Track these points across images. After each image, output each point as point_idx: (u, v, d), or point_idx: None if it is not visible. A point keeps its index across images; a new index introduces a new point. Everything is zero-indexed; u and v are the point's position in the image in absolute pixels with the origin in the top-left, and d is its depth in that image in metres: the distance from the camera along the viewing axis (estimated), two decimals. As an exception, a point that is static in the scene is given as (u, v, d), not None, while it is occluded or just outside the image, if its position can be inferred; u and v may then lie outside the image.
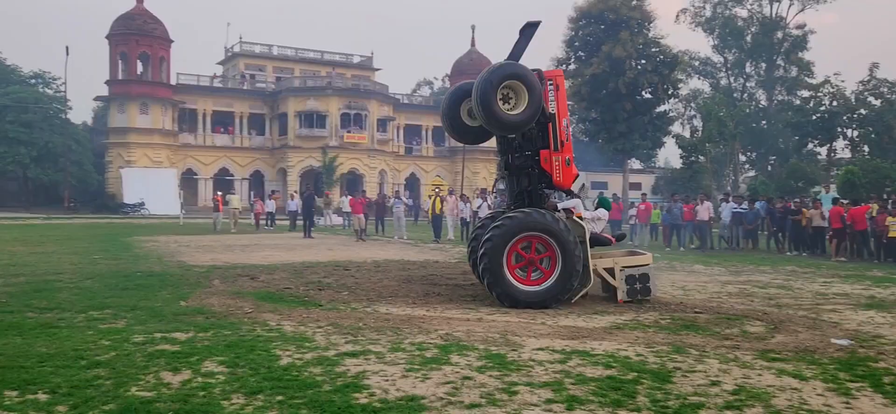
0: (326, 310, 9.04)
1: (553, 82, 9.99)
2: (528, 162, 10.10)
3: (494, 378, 5.71)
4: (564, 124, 9.97)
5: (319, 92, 55.78)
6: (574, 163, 10.09)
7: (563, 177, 9.92)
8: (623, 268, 9.85)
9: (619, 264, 9.89)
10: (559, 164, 9.88)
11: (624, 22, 42.57)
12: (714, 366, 6.20)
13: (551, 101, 9.90)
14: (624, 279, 9.80)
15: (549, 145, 9.88)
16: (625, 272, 9.82)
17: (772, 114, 64.51)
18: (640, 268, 9.86)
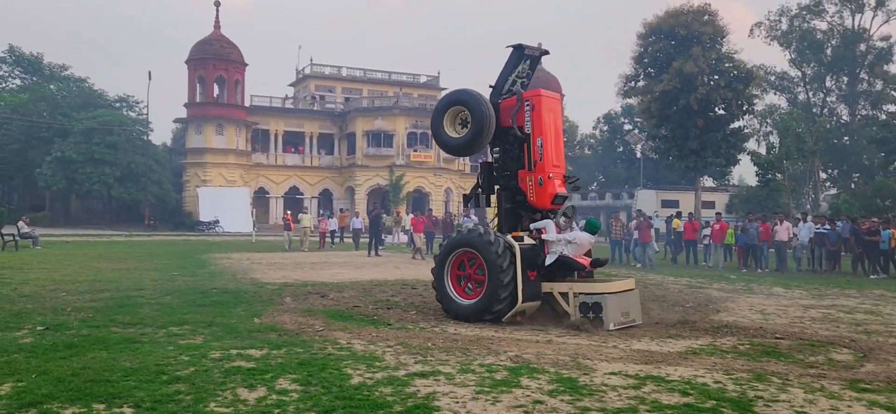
0: (395, 329, 9.09)
1: (530, 102, 10.36)
2: (507, 182, 10.52)
3: (566, 403, 5.60)
4: (538, 143, 10.18)
5: (386, 111, 56.63)
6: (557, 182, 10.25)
7: (536, 196, 10.20)
8: (577, 294, 9.61)
9: (574, 290, 9.67)
10: (533, 184, 10.20)
11: (695, 37, 41.56)
12: (798, 396, 5.92)
13: (527, 120, 10.26)
14: (577, 306, 9.52)
15: (525, 165, 10.24)
16: (578, 299, 9.56)
17: (855, 129, 61.72)
18: (594, 296, 9.43)
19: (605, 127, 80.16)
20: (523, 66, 11.15)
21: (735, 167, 50.36)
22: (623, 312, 9.57)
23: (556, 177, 10.33)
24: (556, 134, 10.57)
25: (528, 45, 11.13)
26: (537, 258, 9.82)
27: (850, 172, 61.53)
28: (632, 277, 10.38)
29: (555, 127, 10.53)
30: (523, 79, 11.22)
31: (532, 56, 11.22)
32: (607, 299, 9.35)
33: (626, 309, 9.66)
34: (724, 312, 11.47)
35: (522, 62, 11.08)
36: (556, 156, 10.40)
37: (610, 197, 66.47)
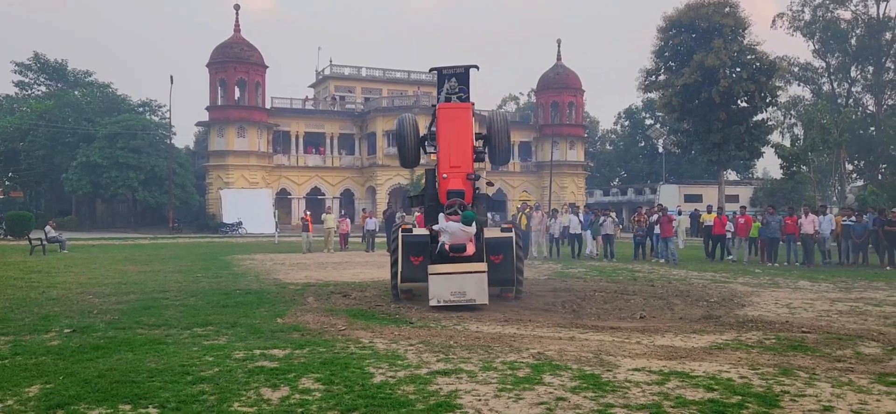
0: (417, 327, 9.10)
1: (433, 114, 12.71)
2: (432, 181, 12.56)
3: (589, 399, 5.57)
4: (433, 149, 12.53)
5: (406, 111, 56.73)
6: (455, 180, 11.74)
7: (438, 192, 12.04)
8: (454, 275, 10.71)
9: (433, 271, 10.79)
10: (438, 182, 12.12)
11: (717, 29, 41.12)
12: (826, 390, 5.83)
13: (433, 130, 12.60)
14: (485, 285, 10.66)
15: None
16: (484, 278, 10.66)
17: (881, 120, 60.64)
18: (455, 277, 10.62)
19: (627, 122, 79.60)
20: (451, 83, 13.04)
21: (759, 160, 49.81)
22: (453, 292, 10.60)
23: (455, 175, 11.79)
24: (459, 138, 12.15)
25: (445, 67, 13.21)
26: (424, 246, 11.18)
27: (876, 163, 60.50)
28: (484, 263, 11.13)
29: (457, 133, 12.20)
30: (457, 93, 12.97)
31: (455, 73, 13.16)
32: (431, 279, 10.64)
33: (458, 289, 10.60)
34: (749, 306, 11.33)
35: (447, 80, 13.05)
36: (456, 157, 11.98)
37: (632, 192, 66.00)
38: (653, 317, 10.05)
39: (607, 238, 23.78)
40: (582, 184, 65.79)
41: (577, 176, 64.73)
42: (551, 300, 11.82)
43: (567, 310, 10.75)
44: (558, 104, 63.54)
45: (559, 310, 10.78)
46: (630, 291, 13.26)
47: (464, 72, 13.11)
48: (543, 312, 10.57)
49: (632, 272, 18.00)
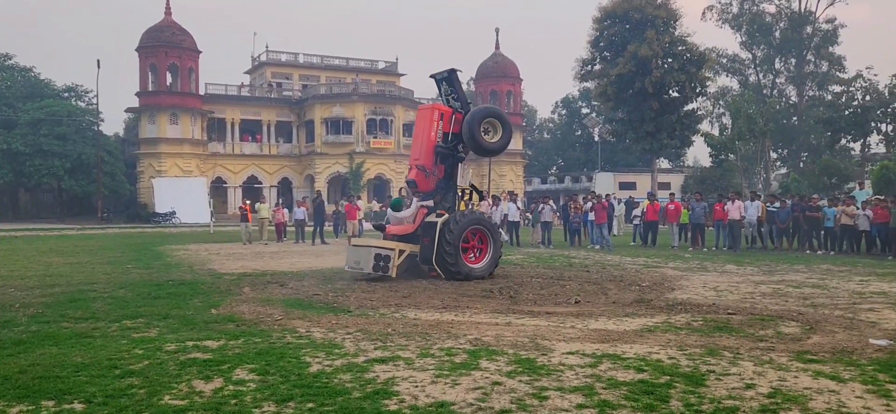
0: (355, 316, 9.07)
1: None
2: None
3: (524, 383, 5.67)
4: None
5: (345, 98, 56.15)
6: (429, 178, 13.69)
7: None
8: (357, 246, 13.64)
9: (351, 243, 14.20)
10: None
11: (649, 21, 42.15)
12: (749, 368, 6.09)
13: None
14: (372, 257, 12.77)
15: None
16: (372, 251, 12.86)
17: (803, 110, 63.44)
18: (384, 250, 12.91)
19: (564, 111, 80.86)
20: (445, 88, 14.43)
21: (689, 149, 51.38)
22: (353, 261, 13.24)
23: (412, 168, 13.89)
24: (421, 136, 13.93)
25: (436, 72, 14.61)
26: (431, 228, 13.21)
27: (798, 152, 63.32)
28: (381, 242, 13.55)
29: (420, 131, 14.03)
30: (450, 96, 14.41)
31: (444, 78, 14.44)
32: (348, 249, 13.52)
33: (355, 259, 13.21)
34: (678, 290, 11.72)
35: (440, 85, 14.51)
36: (415, 152, 13.96)
37: (569, 180, 67.16)
38: (587, 302, 10.28)
39: (545, 225, 24.16)
40: (520, 172, 66.54)
41: (516, 164, 65.43)
42: (489, 287, 11.95)
43: (504, 296, 10.90)
44: (497, 93, 63.99)
45: (497, 296, 10.91)
46: (566, 277, 13.52)
47: (448, 75, 14.43)
48: (481, 298, 10.69)
49: (568, 259, 18.35)
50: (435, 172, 13.80)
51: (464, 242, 13.14)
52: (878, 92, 45.63)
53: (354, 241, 13.42)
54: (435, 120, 13.90)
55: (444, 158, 13.89)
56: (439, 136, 13.82)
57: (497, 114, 14.01)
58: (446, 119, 13.96)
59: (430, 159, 13.75)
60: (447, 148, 13.86)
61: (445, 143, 13.86)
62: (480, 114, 13.75)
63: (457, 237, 12.89)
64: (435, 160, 13.81)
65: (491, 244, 13.45)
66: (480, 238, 13.48)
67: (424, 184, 13.75)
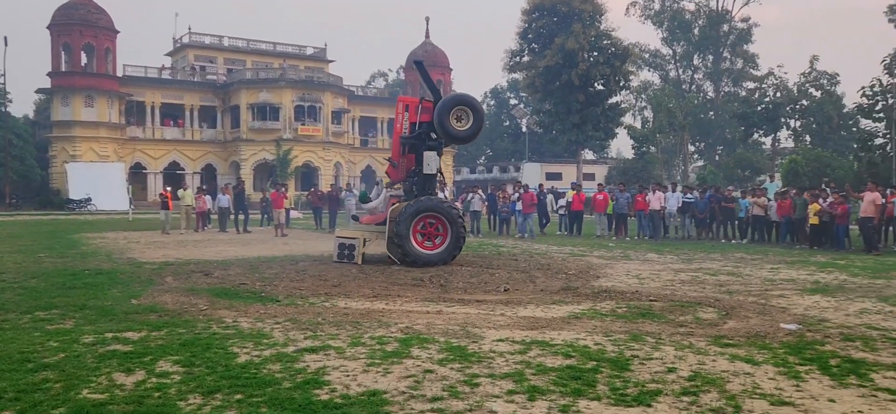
0: (284, 305, 8.92)
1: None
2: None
3: (456, 371, 5.71)
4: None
5: (272, 84, 54.97)
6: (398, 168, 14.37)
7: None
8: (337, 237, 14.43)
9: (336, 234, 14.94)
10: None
11: (576, 14, 42.99)
12: (670, 353, 6.33)
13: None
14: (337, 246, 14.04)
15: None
16: (338, 241, 14.11)
17: (719, 105, 66.15)
18: (349, 239, 13.99)
19: (492, 101, 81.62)
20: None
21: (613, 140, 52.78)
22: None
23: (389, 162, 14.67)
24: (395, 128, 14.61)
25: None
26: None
27: (714, 145, 66.02)
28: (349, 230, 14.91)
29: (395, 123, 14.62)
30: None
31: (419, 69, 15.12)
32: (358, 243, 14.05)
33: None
34: (603, 278, 12.05)
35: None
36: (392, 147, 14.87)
37: (497, 170, 67.92)
38: (516, 290, 10.43)
39: (475, 215, 24.37)
40: (450, 161, 66.82)
41: (445, 153, 65.56)
42: (419, 275, 11.97)
43: (435, 284, 10.94)
44: (427, 82, 64.02)
45: (427, 284, 10.94)
46: (495, 266, 13.69)
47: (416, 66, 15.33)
48: (412, 286, 10.70)
49: (496, 247, 18.58)
50: (403, 162, 14.17)
51: (422, 228, 13.37)
52: (787, 89, 48.05)
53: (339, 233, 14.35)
54: (400, 112, 14.24)
55: (413, 147, 14.06)
56: (405, 127, 14.07)
57: (468, 101, 13.85)
58: (412, 109, 14.13)
59: (396, 149, 14.26)
60: (414, 137, 13.99)
61: (413, 132, 13.99)
62: (451, 101, 13.72)
63: (406, 223, 13.12)
64: (402, 150, 14.11)
65: (450, 231, 13.45)
66: (440, 225, 13.50)
67: (393, 174, 14.46)
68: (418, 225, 13.39)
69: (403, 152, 14.18)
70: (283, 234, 22.79)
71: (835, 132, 48.68)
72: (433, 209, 13.46)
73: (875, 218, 17.48)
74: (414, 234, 13.32)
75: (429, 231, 13.49)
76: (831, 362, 6.01)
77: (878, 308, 8.85)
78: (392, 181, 14.79)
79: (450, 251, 13.49)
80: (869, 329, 7.46)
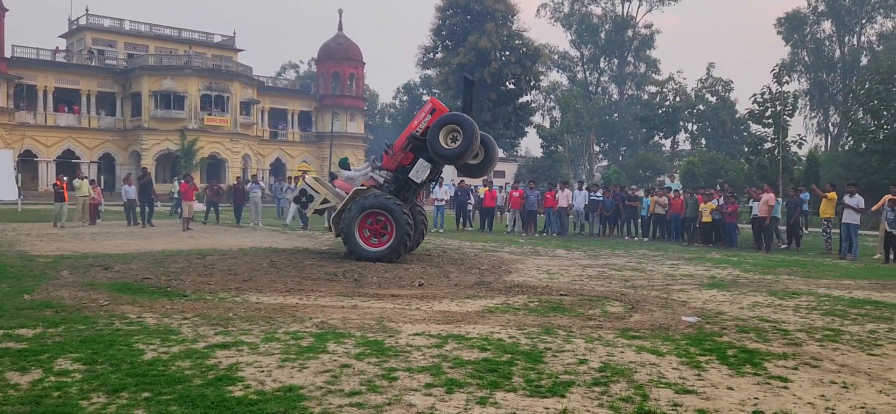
0: (192, 300, 8.62)
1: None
2: None
3: (373, 365, 5.70)
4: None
5: (177, 71, 52.78)
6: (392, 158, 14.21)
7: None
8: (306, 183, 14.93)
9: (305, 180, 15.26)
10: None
11: (489, 13, 43.60)
12: (581, 345, 6.54)
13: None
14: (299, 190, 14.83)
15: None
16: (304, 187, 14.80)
17: (623, 107, 68.80)
18: (314, 192, 14.35)
19: (405, 97, 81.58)
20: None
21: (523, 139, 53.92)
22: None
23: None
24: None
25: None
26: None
27: (618, 146, 68.62)
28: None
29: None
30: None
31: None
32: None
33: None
34: (515, 273, 12.30)
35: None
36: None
37: (409, 166, 67.90)
38: (430, 284, 10.50)
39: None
40: (361, 156, 66.29)
41: (357, 148, 65.11)
42: (333, 270, 11.84)
43: (349, 279, 10.85)
44: (339, 75, 63.25)
45: (341, 279, 10.84)
46: (409, 260, 13.71)
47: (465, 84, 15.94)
48: (326, 281, 10.57)
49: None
50: (399, 156, 14.06)
51: (369, 224, 13.26)
52: (686, 94, 50.47)
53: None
54: (425, 112, 14.12)
55: (415, 149, 13.85)
56: (421, 127, 13.80)
57: (460, 121, 13.35)
58: (436, 115, 13.78)
59: (400, 141, 14.20)
60: (420, 140, 13.69)
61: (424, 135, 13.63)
62: (448, 118, 13.47)
63: (354, 218, 13.13)
64: (405, 145, 13.96)
65: (395, 231, 13.11)
66: (387, 223, 13.22)
67: (387, 160, 14.28)
68: (366, 221, 13.28)
69: (405, 148, 13.97)
70: (188, 227, 21.95)
71: (728, 136, 51.58)
72: (382, 207, 13.22)
73: (767, 218, 18.63)
74: (361, 229, 13.24)
75: (376, 228, 13.34)
76: (729, 353, 6.38)
77: (768, 301, 9.45)
78: (382, 167, 14.38)
79: (393, 250, 13.11)
80: (761, 321, 7.97)
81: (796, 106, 32.84)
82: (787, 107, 30.24)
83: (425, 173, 13.76)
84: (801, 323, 7.91)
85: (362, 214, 13.21)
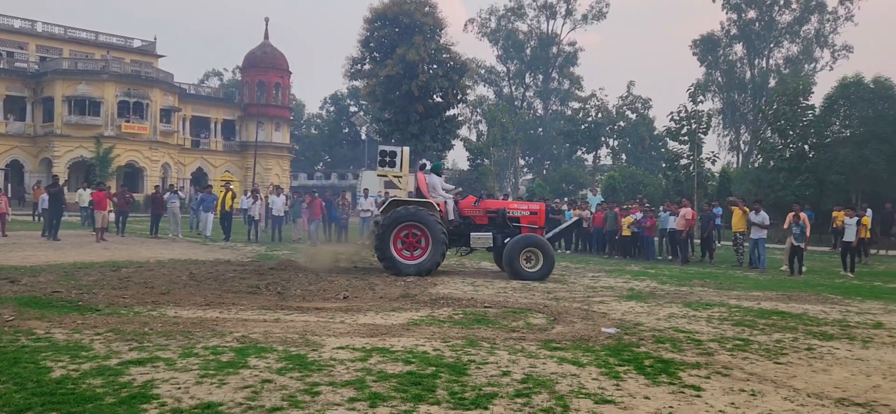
0: (105, 315, 8.27)
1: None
2: None
3: (296, 380, 5.61)
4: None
5: (93, 76, 50.66)
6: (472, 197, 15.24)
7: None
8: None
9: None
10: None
11: (417, 26, 43.78)
12: (504, 357, 6.63)
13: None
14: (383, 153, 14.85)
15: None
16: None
17: (547, 122, 70.33)
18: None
19: (332, 107, 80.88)
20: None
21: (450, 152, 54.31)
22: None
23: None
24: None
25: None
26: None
27: (543, 160, 70.05)
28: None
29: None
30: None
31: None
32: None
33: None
34: (440, 285, 12.34)
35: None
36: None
37: (336, 177, 67.35)
38: (355, 297, 10.42)
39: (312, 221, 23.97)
40: (287, 166, 65.30)
41: (282, 158, 64.09)
42: (256, 282, 11.59)
43: (272, 292, 10.65)
44: (265, 84, 62.16)
45: (264, 292, 10.63)
46: (334, 273, 13.56)
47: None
48: (248, 294, 10.34)
49: (336, 254, 18.37)
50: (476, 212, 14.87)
51: (404, 237, 13.43)
52: (607, 111, 52.02)
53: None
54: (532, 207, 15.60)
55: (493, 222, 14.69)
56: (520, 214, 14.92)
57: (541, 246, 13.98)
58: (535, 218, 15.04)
59: (493, 205, 15.17)
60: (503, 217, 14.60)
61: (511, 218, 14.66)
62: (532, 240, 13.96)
63: (388, 230, 13.27)
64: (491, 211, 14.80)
65: (431, 243, 13.36)
66: (422, 237, 13.43)
67: (467, 201, 15.02)
68: (401, 233, 13.40)
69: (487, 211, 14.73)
70: (103, 238, 21.03)
71: (647, 152, 53.41)
72: (418, 220, 13.36)
73: (684, 231, 19.37)
74: (395, 241, 13.37)
75: (410, 241, 13.45)
76: (646, 363, 6.60)
77: (683, 313, 9.83)
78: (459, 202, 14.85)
79: (430, 262, 13.37)
80: (676, 332, 8.28)
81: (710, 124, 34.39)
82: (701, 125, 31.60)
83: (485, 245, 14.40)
84: (714, 333, 8.25)
85: (398, 227, 13.28)
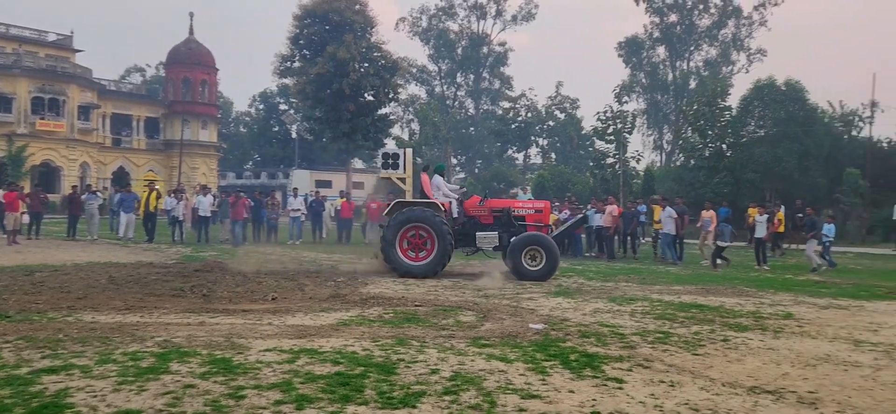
0: (16, 322, 7.87)
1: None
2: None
3: (220, 384, 5.48)
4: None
5: (4, 71, 48.13)
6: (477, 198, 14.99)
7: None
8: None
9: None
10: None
11: (348, 24, 43.36)
12: (433, 355, 6.65)
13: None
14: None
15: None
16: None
17: (478, 121, 70.97)
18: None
19: (261, 105, 79.32)
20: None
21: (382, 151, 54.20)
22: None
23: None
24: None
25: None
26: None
27: (474, 159, 70.68)
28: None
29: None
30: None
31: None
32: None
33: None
34: (371, 284, 12.29)
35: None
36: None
37: (265, 176, 66.09)
38: (284, 298, 10.26)
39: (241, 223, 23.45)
40: (214, 165, 63.70)
41: (210, 157, 62.46)
42: (180, 285, 11.26)
43: (197, 294, 10.36)
44: (190, 81, 60.42)
45: (188, 294, 10.33)
46: (262, 274, 13.32)
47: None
48: (171, 297, 10.03)
49: (264, 255, 18.06)
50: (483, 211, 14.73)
51: (410, 237, 13.45)
52: (537, 110, 52.91)
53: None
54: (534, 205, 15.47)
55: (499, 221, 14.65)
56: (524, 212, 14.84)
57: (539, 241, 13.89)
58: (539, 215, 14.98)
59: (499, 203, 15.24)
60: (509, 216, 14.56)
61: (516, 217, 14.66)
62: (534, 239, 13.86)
63: (393, 231, 13.27)
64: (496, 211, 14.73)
65: (437, 244, 13.39)
66: (428, 239, 13.45)
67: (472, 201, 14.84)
68: (408, 233, 13.40)
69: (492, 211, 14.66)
70: (15, 241, 20.00)
71: (575, 151, 54.62)
72: (425, 221, 13.25)
73: (610, 229, 19.88)
74: (400, 242, 13.38)
75: (416, 242, 13.44)
76: (571, 357, 6.74)
77: (608, 308, 10.10)
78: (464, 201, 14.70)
79: (435, 264, 13.37)
80: (601, 326, 8.49)
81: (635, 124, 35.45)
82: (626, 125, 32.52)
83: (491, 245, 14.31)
84: (636, 327, 8.51)
85: (404, 228, 13.15)
